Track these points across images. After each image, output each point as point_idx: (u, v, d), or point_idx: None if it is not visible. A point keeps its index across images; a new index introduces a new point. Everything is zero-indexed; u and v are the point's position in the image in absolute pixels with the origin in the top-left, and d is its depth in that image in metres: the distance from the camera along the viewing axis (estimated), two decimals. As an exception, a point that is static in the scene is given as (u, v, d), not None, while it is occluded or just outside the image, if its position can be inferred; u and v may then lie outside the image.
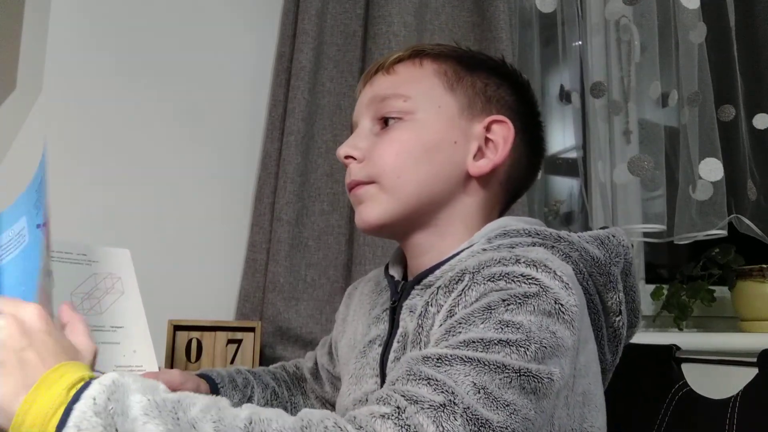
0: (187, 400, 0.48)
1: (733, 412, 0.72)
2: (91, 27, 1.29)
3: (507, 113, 0.73)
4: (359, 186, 0.72)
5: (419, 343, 0.65)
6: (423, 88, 0.72)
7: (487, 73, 0.74)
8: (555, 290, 0.58)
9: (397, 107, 0.72)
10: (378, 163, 0.71)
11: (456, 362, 0.53)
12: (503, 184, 0.74)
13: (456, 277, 0.64)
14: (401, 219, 0.71)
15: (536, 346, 0.55)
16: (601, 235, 0.69)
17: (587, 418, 0.63)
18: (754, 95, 1.59)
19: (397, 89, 0.73)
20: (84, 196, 1.25)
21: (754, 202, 1.54)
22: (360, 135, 0.74)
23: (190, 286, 1.29)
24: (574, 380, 0.60)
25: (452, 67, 0.73)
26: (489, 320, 0.56)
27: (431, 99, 0.72)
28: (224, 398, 0.51)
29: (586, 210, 1.55)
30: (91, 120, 1.27)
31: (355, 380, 0.74)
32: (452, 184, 0.71)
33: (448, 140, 0.71)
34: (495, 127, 0.72)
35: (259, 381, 0.87)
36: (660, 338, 1.42)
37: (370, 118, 0.74)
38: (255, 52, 1.41)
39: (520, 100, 0.75)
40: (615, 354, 0.71)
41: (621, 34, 1.62)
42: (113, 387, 0.47)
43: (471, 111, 0.72)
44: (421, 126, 0.71)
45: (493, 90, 0.74)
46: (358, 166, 0.72)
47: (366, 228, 0.73)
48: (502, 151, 0.71)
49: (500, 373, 0.53)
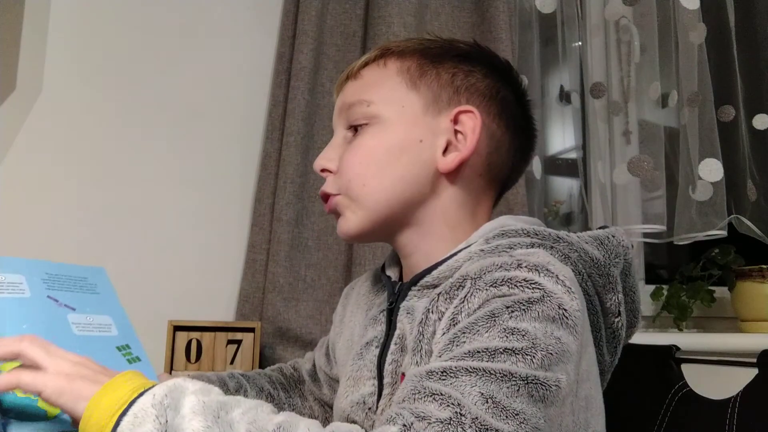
0: (232, 402, 0.53)
1: (733, 413, 0.72)
2: (91, 27, 1.29)
3: (478, 100, 0.71)
4: (330, 198, 0.72)
5: (420, 351, 0.64)
6: (385, 90, 0.71)
7: (455, 62, 0.72)
8: (558, 295, 0.57)
9: (361, 113, 0.71)
10: (344, 173, 0.70)
11: (461, 374, 0.53)
12: (484, 175, 0.72)
13: (457, 283, 0.63)
14: (377, 226, 0.71)
15: (542, 353, 0.54)
16: (600, 235, 0.68)
17: (591, 423, 0.62)
18: (753, 96, 1.59)
19: (361, 95, 0.72)
20: (83, 196, 1.25)
21: (754, 202, 1.54)
22: (333, 145, 0.74)
23: (190, 287, 1.29)
24: (578, 386, 0.59)
25: (416, 62, 0.71)
26: (493, 328, 0.55)
27: (393, 100, 0.71)
28: (268, 404, 0.54)
29: (585, 210, 1.55)
30: (90, 120, 1.27)
31: (352, 382, 0.73)
32: (423, 184, 0.70)
33: (412, 140, 0.69)
34: (462, 118, 0.69)
35: (253, 385, 0.86)
36: (660, 339, 1.42)
37: (342, 126, 0.74)
38: (255, 53, 1.41)
39: (495, 84, 0.72)
40: (613, 355, 0.70)
41: (621, 35, 1.62)
42: (173, 386, 0.52)
43: (437, 105, 0.70)
44: (384, 129, 0.70)
45: (461, 79, 0.71)
46: (331, 177, 0.72)
47: (345, 238, 0.73)
48: (470, 143, 0.69)
49: (507, 381, 0.52)
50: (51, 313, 0.68)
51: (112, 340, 0.70)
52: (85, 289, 0.72)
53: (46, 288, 0.69)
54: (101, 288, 0.74)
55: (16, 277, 0.68)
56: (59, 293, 0.70)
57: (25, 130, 1.22)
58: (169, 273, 1.28)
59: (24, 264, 0.70)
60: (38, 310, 0.67)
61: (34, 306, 0.67)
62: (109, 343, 0.70)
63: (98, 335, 0.69)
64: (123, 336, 0.71)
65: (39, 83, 1.24)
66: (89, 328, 0.69)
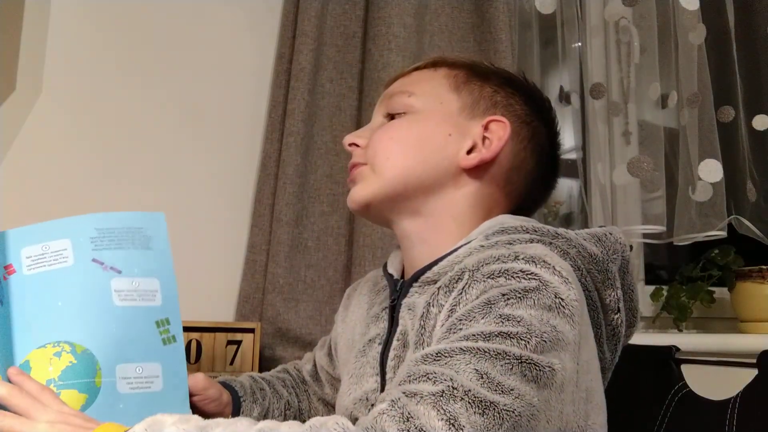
0: (212, 424, 0.55)
1: (733, 413, 0.72)
2: (91, 28, 1.29)
3: (512, 119, 0.74)
4: (356, 167, 0.75)
5: (422, 344, 0.65)
6: (429, 86, 0.76)
7: (500, 82, 0.76)
8: (555, 285, 0.58)
9: (401, 102, 0.75)
10: (372, 146, 0.74)
11: (455, 353, 0.54)
12: (502, 188, 0.74)
13: (456, 276, 0.64)
14: (387, 199, 0.73)
15: (537, 340, 0.55)
16: (598, 232, 0.70)
17: (590, 416, 0.63)
18: (753, 96, 1.59)
19: (405, 87, 0.76)
20: (83, 197, 1.25)
21: (754, 203, 1.54)
22: (368, 128, 0.78)
23: (190, 287, 1.29)
24: (578, 376, 0.60)
25: (464, 72, 0.76)
26: (489, 315, 0.57)
27: (434, 95, 0.75)
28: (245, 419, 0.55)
29: (585, 211, 1.55)
30: (90, 121, 1.27)
31: (355, 379, 0.74)
32: (441, 175, 0.72)
33: (442, 132, 0.73)
34: (492, 126, 0.73)
35: (274, 392, 0.88)
36: (659, 339, 1.42)
37: (381, 114, 0.78)
38: (255, 54, 1.41)
39: (532, 113, 0.76)
40: (614, 353, 0.71)
41: (620, 36, 1.62)
42: (152, 422, 0.55)
43: (473, 110, 0.74)
44: (419, 118, 0.74)
45: (501, 96, 0.75)
46: (359, 150, 0.76)
47: (354, 206, 0.75)
48: (494, 147, 0.72)
49: (501, 359, 0.53)
50: (93, 282, 0.67)
51: (154, 312, 0.69)
52: (138, 243, 0.70)
53: (92, 249, 0.67)
54: (155, 241, 0.71)
55: (60, 243, 0.67)
56: (107, 253, 0.68)
57: (25, 130, 1.22)
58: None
59: (72, 224, 0.68)
60: (79, 280, 0.66)
61: (75, 276, 0.66)
62: (149, 315, 0.68)
63: (140, 305, 0.68)
64: (165, 306, 0.70)
65: (39, 83, 1.24)
66: (132, 296, 0.68)
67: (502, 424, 0.50)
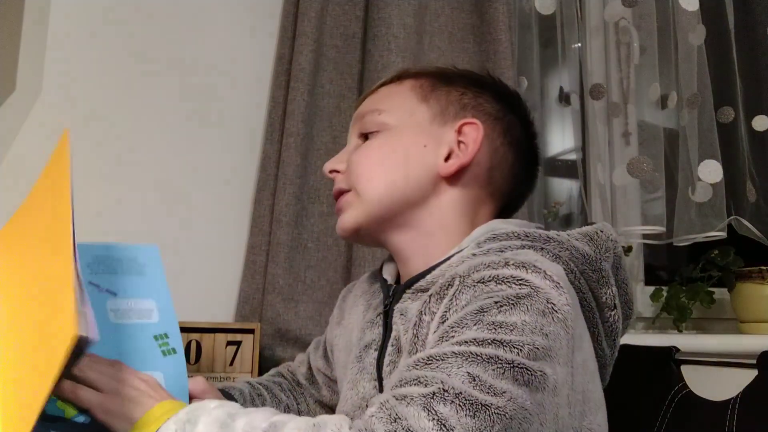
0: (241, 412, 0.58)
1: (733, 414, 0.72)
2: (91, 28, 1.29)
3: (484, 117, 0.74)
4: (342, 195, 0.75)
5: (415, 353, 0.65)
6: (397, 100, 0.76)
7: (465, 83, 0.77)
8: (546, 290, 0.58)
9: (373, 121, 0.76)
10: (353, 170, 0.75)
11: (447, 357, 0.54)
12: (485, 188, 0.75)
13: (447, 283, 0.65)
14: (375, 220, 0.73)
15: (529, 347, 0.55)
16: (589, 231, 0.70)
17: (587, 416, 0.63)
18: (753, 97, 1.59)
19: (374, 105, 0.77)
20: (82, 197, 1.24)
21: (754, 203, 1.54)
22: (345, 151, 0.79)
23: (190, 288, 1.29)
24: (573, 378, 0.60)
25: (429, 80, 0.77)
26: (482, 322, 0.57)
27: (404, 109, 0.75)
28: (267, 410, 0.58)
29: (585, 212, 1.55)
30: (90, 121, 1.27)
31: (352, 385, 0.74)
32: (424, 186, 0.72)
33: (417, 144, 0.73)
34: (466, 129, 0.73)
35: (272, 396, 0.88)
36: (659, 340, 1.42)
37: (355, 135, 0.79)
38: (255, 54, 1.41)
39: (503, 109, 0.76)
40: (613, 348, 0.71)
41: (620, 36, 1.62)
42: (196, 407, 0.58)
43: (443, 117, 0.74)
44: (393, 134, 0.74)
45: (469, 98, 0.75)
46: (341, 176, 0.76)
47: (344, 234, 0.76)
48: (470, 151, 0.72)
49: (493, 363, 0.53)
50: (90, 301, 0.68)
51: (151, 328, 0.70)
52: (132, 270, 0.72)
53: (89, 273, 0.69)
54: (150, 269, 0.73)
55: None
56: (102, 277, 0.70)
57: (25, 130, 1.22)
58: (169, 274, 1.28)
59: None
60: None
61: None
62: (146, 330, 0.70)
63: (136, 322, 0.69)
64: (163, 323, 0.71)
65: (39, 83, 1.24)
66: (128, 315, 0.69)
67: (493, 427, 0.51)
